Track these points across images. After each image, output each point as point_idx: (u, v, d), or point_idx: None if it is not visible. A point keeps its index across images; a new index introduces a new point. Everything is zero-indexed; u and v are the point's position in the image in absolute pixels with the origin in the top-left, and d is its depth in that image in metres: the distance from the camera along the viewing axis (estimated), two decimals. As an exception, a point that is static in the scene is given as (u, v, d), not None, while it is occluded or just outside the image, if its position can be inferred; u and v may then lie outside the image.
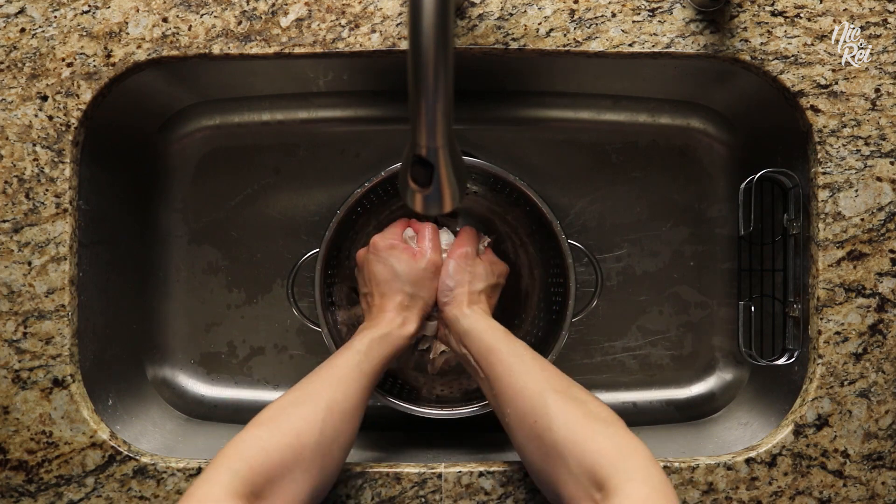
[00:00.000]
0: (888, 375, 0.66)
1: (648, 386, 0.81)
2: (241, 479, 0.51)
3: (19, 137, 0.66)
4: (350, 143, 0.80)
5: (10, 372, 0.66)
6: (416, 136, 0.46)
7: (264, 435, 0.55)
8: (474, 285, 0.69)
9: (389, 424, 0.78)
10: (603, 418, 0.55)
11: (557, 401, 0.56)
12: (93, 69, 0.66)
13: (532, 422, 0.56)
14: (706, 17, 0.67)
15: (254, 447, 0.53)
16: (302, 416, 0.57)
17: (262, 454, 0.53)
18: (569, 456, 0.53)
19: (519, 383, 0.59)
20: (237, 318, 0.81)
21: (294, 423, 0.56)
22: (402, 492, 0.65)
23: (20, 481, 0.66)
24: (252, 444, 0.54)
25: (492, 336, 0.64)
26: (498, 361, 0.62)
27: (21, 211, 0.66)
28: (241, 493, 0.50)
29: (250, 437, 0.54)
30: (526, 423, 0.57)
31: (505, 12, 0.67)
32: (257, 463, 0.52)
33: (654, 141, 0.80)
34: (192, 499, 0.50)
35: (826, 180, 0.66)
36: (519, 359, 0.61)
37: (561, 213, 0.80)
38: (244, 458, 0.52)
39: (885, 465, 0.66)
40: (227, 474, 0.51)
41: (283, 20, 0.67)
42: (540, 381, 0.59)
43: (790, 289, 0.72)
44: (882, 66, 0.66)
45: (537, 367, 0.60)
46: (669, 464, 0.65)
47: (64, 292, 0.66)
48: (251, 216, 0.80)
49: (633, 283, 0.81)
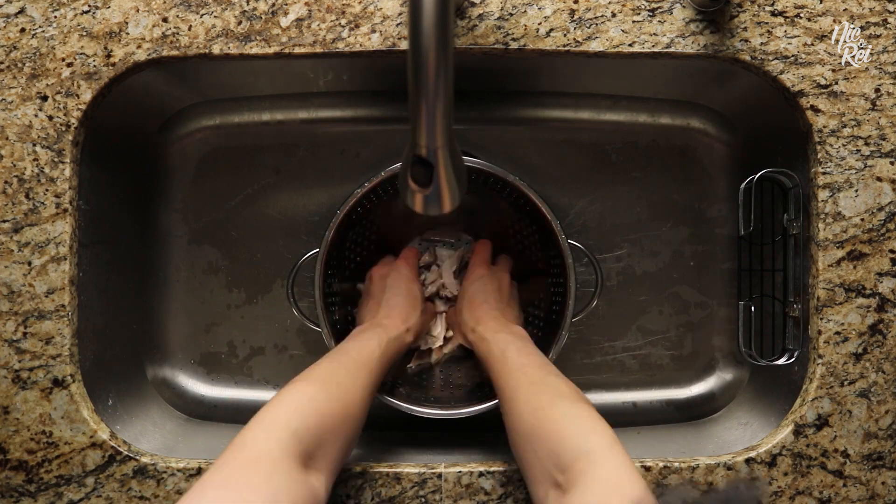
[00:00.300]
0: (888, 375, 0.66)
1: (648, 386, 0.81)
2: (298, 439, 0.50)
3: (19, 137, 0.66)
4: (350, 143, 0.80)
5: (10, 372, 0.66)
6: (416, 136, 0.46)
7: (320, 396, 0.54)
8: (490, 304, 0.71)
9: (389, 424, 0.78)
10: (566, 394, 0.55)
11: (529, 390, 0.57)
12: (93, 69, 0.66)
13: (516, 416, 0.58)
14: (706, 17, 0.67)
15: (310, 408, 0.53)
16: (347, 387, 0.57)
17: (319, 416, 0.52)
18: (535, 440, 0.53)
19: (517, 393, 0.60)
20: (237, 318, 0.81)
21: (343, 391, 0.56)
22: (402, 492, 0.65)
23: (20, 481, 0.66)
24: (308, 404, 0.53)
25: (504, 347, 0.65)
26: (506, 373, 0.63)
27: (21, 211, 0.66)
28: (297, 452, 0.49)
29: (306, 396, 0.54)
30: (510, 418, 0.59)
31: (505, 12, 0.66)
32: (314, 424, 0.51)
33: (654, 141, 0.80)
34: (249, 451, 0.48)
35: (826, 180, 0.66)
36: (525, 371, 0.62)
37: (561, 213, 0.80)
38: (303, 416, 0.51)
39: (885, 465, 0.66)
40: (285, 432, 0.50)
41: (283, 20, 0.67)
42: (518, 377, 0.60)
43: (790, 289, 0.72)
44: (882, 66, 0.66)
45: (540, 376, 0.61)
46: (669, 464, 0.65)
47: (64, 292, 0.66)
48: (251, 216, 0.80)
49: (633, 283, 0.81)
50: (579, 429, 0.52)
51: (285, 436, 0.49)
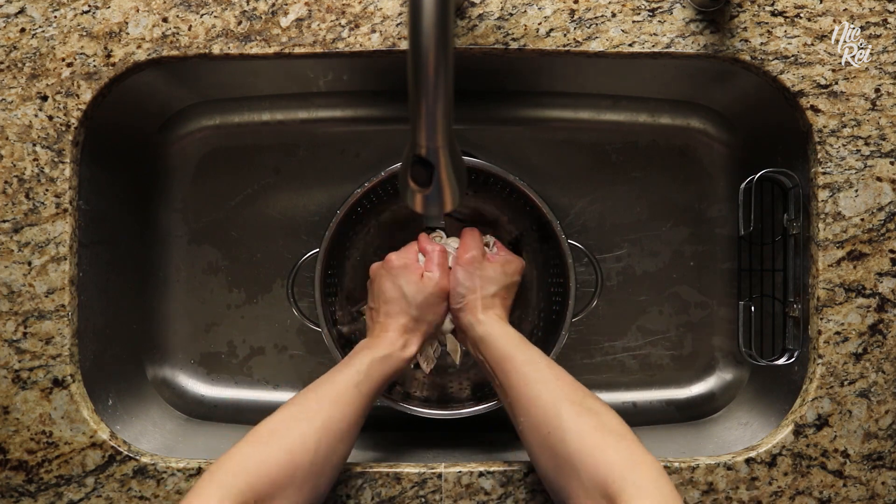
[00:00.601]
0: (888, 375, 0.66)
1: (648, 386, 0.81)
2: (233, 497, 0.50)
3: (19, 137, 0.66)
4: (350, 143, 0.80)
5: (10, 372, 0.66)
6: (416, 136, 0.46)
7: (259, 452, 0.54)
8: (486, 289, 0.68)
9: (389, 424, 0.78)
10: (616, 431, 0.55)
11: (571, 412, 0.56)
12: (93, 69, 0.66)
13: (546, 432, 0.56)
14: (706, 17, 0.67)
15: (248, 464, 0.53)
16: (298, 434, 0.56)
17: (256, 472, 0.52)
18: (581, 468, 0.52)
19: (533, 392, 0.59)
20: (237, 318, 0.81)
21: (290, 441, 0.55)
22: (402, 492, 0.65)
23: (20, 481, 0.66)
24: (246, 461, 0.53)
25: (506, 343, 0.63)
26: (513, 370, 0.61)
27: (21, 211, 0.66)
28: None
29: (244, 454, 0.54)
30: (539, 433, 0.57)
31: (505, 12, 0.67)
32: (251, 480, 0.52)
33: (654, 141, 0.80)
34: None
35: (826, 180, 0.66)
36: (534, 367, 0.61)
37: (561, 213, 0.80)
38: (237, 473, 0.52)
39: (885, 465, 0.66)
40: (219, 491, 0.50)
41: (283, 20, 0.67)
42: (554, 390, 0.58)
43: (790, 289, 0.72)
44: (882, 66, 0.66)
45: (552, 377, 0.59)
46: (669, 464, 0.65)
47: (64, 292, 0.66)
48: (251, 216, 0.80)
49: (633, 283, 0.81)
50: (628, 459, 0.52)
51: (218, 495, 0.50)
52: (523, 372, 0.60)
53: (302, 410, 0.58)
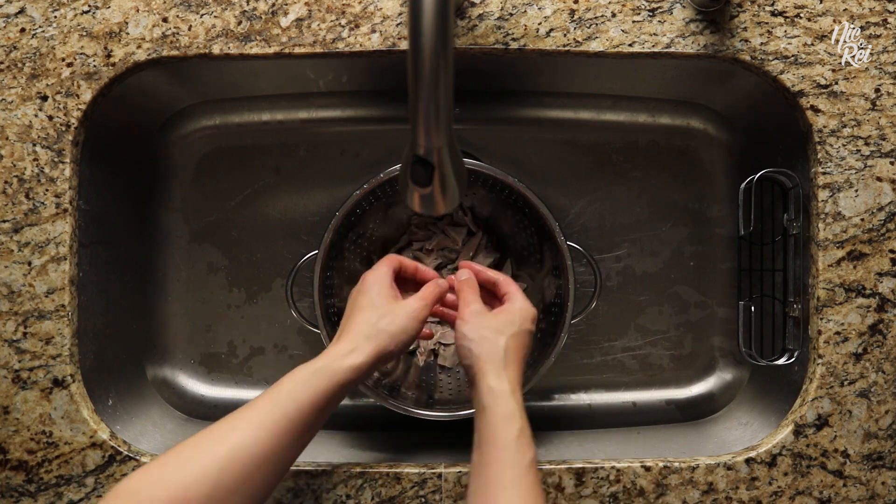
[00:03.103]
0: (888, 375, 0.66)
1: (648, 386, 0.81)
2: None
3: (19, 137, 0.66)
4: (350, 143, 0.80)
5: (10, 372, 0.66)
6: (416, 136, 0.46)
7: (145, 486, 0.50)
8: (497, 342, 0.60)
9: (389, 424, 0.78)
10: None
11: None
12: (93, 69, 0.66)
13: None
14: (706, 17, 0.67)
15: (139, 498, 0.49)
16: (196, 464, 0.52)
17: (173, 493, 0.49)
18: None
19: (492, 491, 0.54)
20: (237, 318, 0.81)
21: (184, 474, 0.51)
22: (402, 492, 0.65)
23: (20, 481, 0.66)
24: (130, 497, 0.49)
25: (503, 431, 0.57)
26: (492, 460, 0.56)
27: (21, 211, 0.66)
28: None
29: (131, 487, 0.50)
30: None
31: (505, 12, 0.67)
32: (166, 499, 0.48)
33: (654, 141, 0.80)
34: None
35: (826, 180, 0.66)
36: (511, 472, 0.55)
37: (561, 214, 0.80)
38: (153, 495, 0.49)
39: (885, 465, 0.66)
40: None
41: (283, 20, 0.67)
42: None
43: (790, 289, 0.72)
44: (882, 66, 0.66)
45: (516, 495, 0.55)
46: (669, 464, 0.65)
47: (64, 292, 0.66)
48: (251, 216, 0.80)
49: (633, 283, 0.81)
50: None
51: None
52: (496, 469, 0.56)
53: (208, 438, 0.54)
